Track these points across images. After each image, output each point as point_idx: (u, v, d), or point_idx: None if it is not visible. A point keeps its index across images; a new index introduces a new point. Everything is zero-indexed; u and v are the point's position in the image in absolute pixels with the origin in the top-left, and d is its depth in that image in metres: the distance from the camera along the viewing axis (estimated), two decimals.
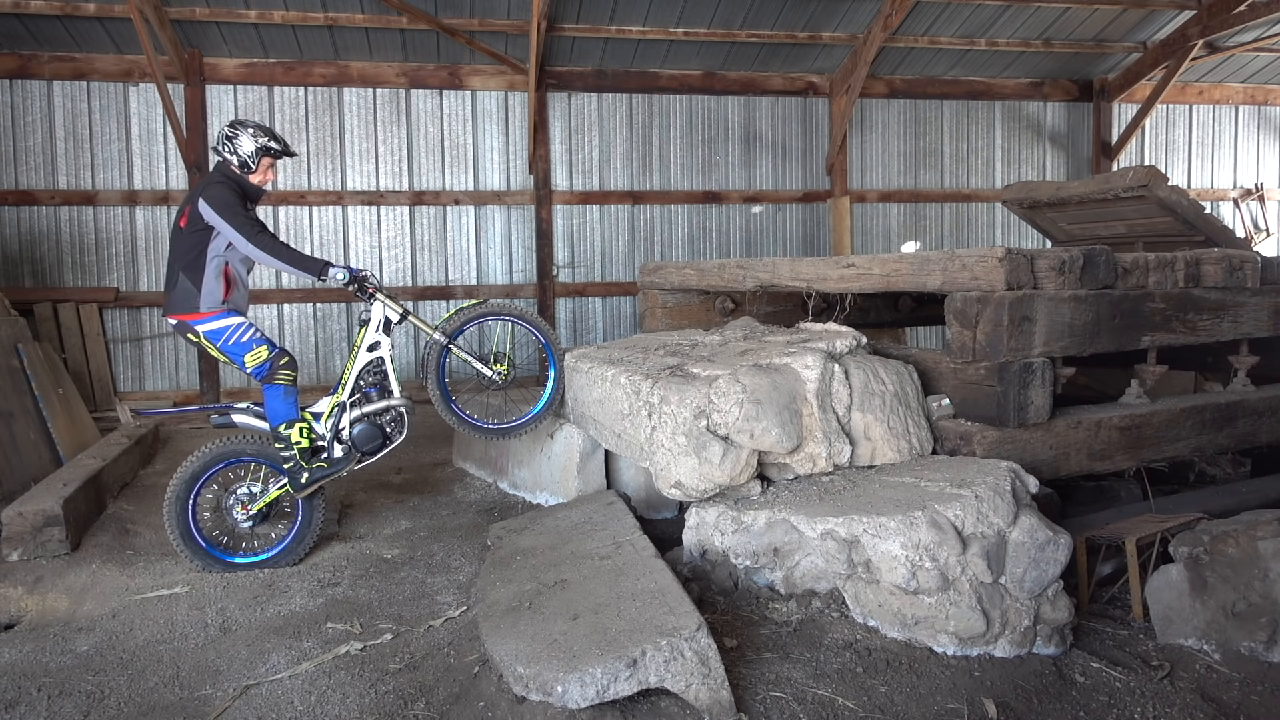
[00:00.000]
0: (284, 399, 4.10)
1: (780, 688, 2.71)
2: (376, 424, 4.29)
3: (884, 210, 9.80)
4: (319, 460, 4.16)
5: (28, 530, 4.17)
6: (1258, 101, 10.57)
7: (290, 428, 4.09)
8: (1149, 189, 5.46)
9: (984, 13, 8.70)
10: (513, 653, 2.72)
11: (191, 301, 4.03)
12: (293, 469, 4.09)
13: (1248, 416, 4.52)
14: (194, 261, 4.03)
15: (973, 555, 3.00)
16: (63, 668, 3.11)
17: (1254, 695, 2.83)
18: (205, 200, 3.96)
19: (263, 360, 4.07)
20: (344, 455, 4.21)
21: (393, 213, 8.52)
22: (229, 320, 4.06)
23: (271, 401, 4.09)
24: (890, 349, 4.41)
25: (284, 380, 4.09)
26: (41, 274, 7.79)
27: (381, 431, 4.29)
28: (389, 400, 4.31)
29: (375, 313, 4.27)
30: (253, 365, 4.07)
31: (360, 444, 4.24)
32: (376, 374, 4.34)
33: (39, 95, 7.74)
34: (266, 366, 4.07)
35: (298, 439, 4.10)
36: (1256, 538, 3.14)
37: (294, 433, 4.09)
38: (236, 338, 4.07)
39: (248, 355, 4.07)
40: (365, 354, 4.30)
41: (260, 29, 7.74)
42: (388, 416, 4.32)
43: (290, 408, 4.12)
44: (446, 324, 4.45)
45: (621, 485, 4.76)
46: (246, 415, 4.21)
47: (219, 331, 4.06)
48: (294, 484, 4.11)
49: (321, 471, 4.13)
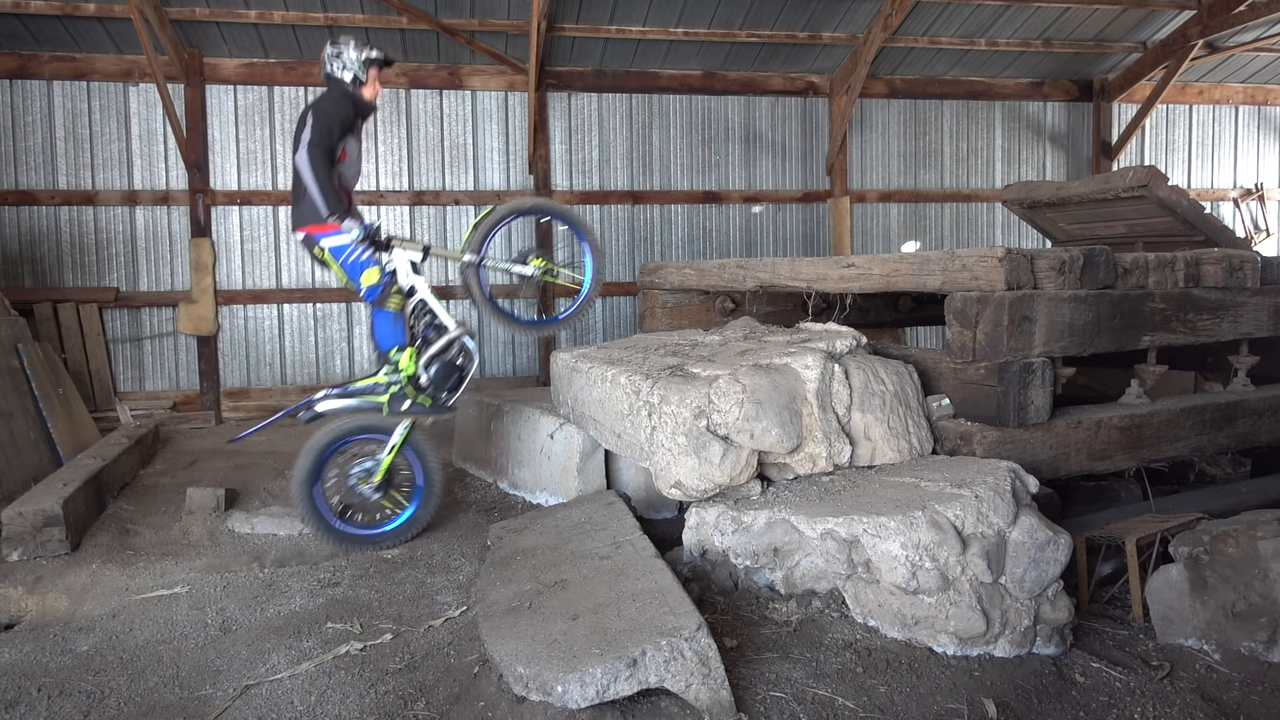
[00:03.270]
0: (393, 324, 4.28)
1: (780, 688, 2.71)
2: (446, 361, 4.40)
3: (884, 210, 9.79)
4: (422, 397, 4.30)
5: (28, 530, 4.17)
6: (1258, 101, 10.57)
7: (400, 352, 4.26)
8: (1149, 189, 5.47)
9: (984, 13, 8.70)
10: (513, 653, 2.72)
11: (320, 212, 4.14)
12: (397, 392, 4.23)
13: (1248, 416, 4.52)
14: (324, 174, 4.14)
15: (973, 555, 3.00)
16: (63, 668, 3.11)
17: (1254, 695, 2.83)
18: (313, 109, 4.12)
19: (375, 282, 4.22)
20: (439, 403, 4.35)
21: (393, 213, 8.52)
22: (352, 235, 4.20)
23: (381, 325, 4.28)
24: (890, 349, 4.41)
25: (394, 305, 4.28)
26: (41, 274, 7.79)
27: (454, 367, 4.42)
28: (448, 335, 4.41)
29: (399, 260, 4.36)
30: (366, 285, 4.22)
31: (440, 384, 4.36)
32: (425, 315, 4.46)
33: (39, 95, 7.74)
34: (379, 288, 4.23)
35: (406, 364, 4.25)
36: (1256, 538, 3.14)
37: (403, 358, 4.26)
38: (356, 256, 4.21)
39: (363, 275, 4.22)
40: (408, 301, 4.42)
41: (260, 29, 7.74)
42: (453, 352, 4.43)
43: (399, 333, 4.29)
44: (471, 243, 4.55)
45: (621, 485, 4.76)
46: (329, 400, 4.32)
47: (341, 249, 4.21)
48: (393, 406, 4.24)
49: (421, 409, 4.28)
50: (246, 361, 8.22)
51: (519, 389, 7.41)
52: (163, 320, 8.04)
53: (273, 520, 4.60)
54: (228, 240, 8.13)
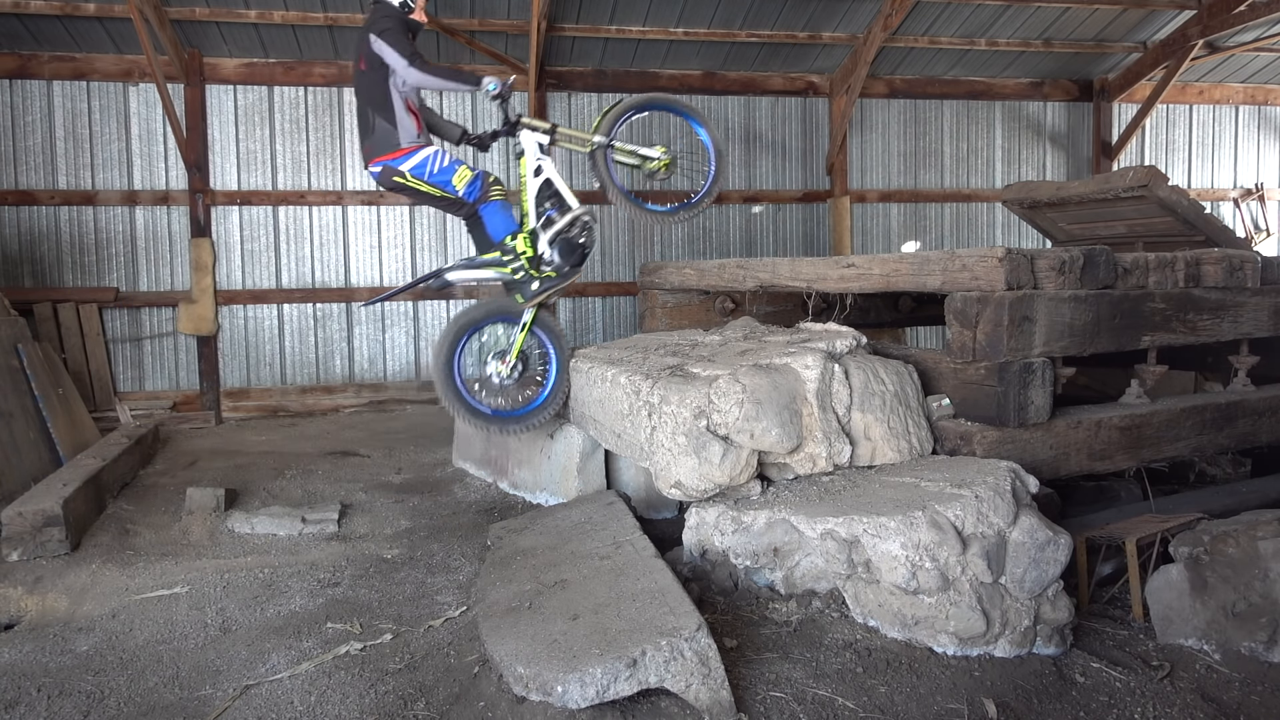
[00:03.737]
0: (502, 212, 4.43)
1: (780, 688, 2.71)
2: (569, 238, 4.56)
3: (884, 210, 9.79)
4: (546, 271, 4.44)
5: (28, 530, 4.17)
6: (1258, 101, 10.57)
7: (515, 238, 4.40)
8: (1149, 189, 5.47)
9: (984, 13, 8.70)
10: (513, 653, 2.72)
11: (392, 139, 4.27)
12: (522, 278, 4.38)
13: (1248, 416, 4.52)
14: (383, 100, 4.29)
15: (973, 555, 3.00)
16: (63, 668, 3.11)
17: (1254, 695, 2.83)
18: (374, 34, 4.23)
19: (470, 180, 4.37)
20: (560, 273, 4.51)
21: (393, 213, 8.52)
22: (426, 151, 4.34)
23: (491, 218, 4.42)
24: (890, 349, 4.41)
25: (497, 195, 4.43)
26: (41, 274, 7.79)
27: (577, 244, 4.59)
28: (571, 213, 4.57)
29: (526, 140, 4.54)
30: (463, 187, 4.35)
31: (564, 259, 4.52)
32: (550, 195, 4.61)
33: (39, 95, 7.74)
34: (478, 184, 4.38)
35: (523, 248, 4.40)
36: (1256, 538, 3.14)
37: (519, 242, 4.40)
38: (439, 164, 4.35)
39: (454, 178, 4.35)
40: (533, 180, 4.56)
41: (260, 29, 7.74)
42: (575, 229, 4.60)
43: (510, 220, 4.44)
44: (601, 126, 4.70)
45: (621, 485, 4.76)
46: (458, 270, 4.52)
47: (421, 165, 4.32)
48: (524, 293, 4.40)
49: (550, 281, 4.43)
50: (246, 361, 8.22)
51: None
52: (163, 320, 8.04)
53: (273, 520, 4.60)
54: (228, 240, 8.13)
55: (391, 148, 4.26)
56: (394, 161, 4.27)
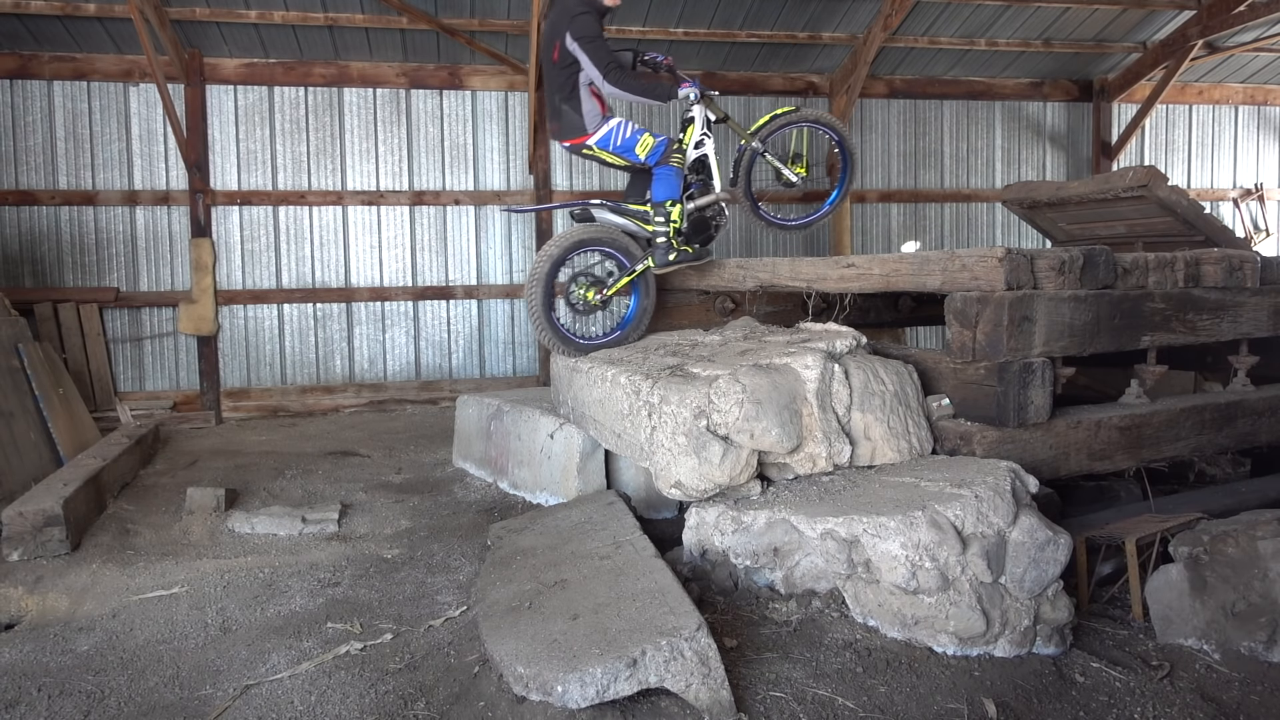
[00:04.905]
0: (674, 179, 4.66)
1: (780, 688, 2.71)
2: (703, 216, 4.82)
3: (884, 210, 9.80)
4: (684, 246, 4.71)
5: (28, 530, 4.17)
6: (1258, 101, 10.57)
7: (674, 206, 4.64)
8: (1149, 189, 5.47)
9: (984, 13, 8.70)
10: (513, 652, 2.72)
11: (579, 126, 4.65)
12: (664, 244, 4.66)
13: (1248, 416, 4.52)
14: (570, 93, 4.62)
15: (973, 555, 3.00)
16: (63, 668, 3.11)
17: (1254, 695, 2.83)
18: (572, 35, 4.48)
19: (653, 147, 4.64)
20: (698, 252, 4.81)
21: (393, 213, 8.53)
22: (610, 124, 4.66)
23: (663, 179, 4.64)
24: (890, 349, 4.41)
25: (677, 162, 4.66)
26: (41, 274, 7.79)
27: (708, 221, 4.84)
28: (712, 195, 4.83)
29: (698, 114, 4.80)
30: (646, 154, 4.62)
31: (693, 236, 4.77)
32: (702, 172, 4.85)
33: (39, 95, 7.75)
34: (661, 149, 4.64)
35: (676, 218, 4.64)
36: (1256, 538, 3.14)
37: (675, 211, 4.65)
38: (622, 136, 4.66)
39: (638, 147, 4.64)
40: (693, 151, 4.80)
41: (260, 29, 7.75)
42: (711, 210, 4.85)
43: (675, 188, 4.66)
44: (761, 130, 4.98)
45: (621, 485, 4.76)
46: (604, 211, 4.77)
47: (606, 138, 4.65)
48: (657, 258, 4.68)
49: (685, 256, 4.73)
50: (246, 361, 8.22)
51: (519, 389, 7.41)
52: (163, 320, 8.05)
53: (273, 520, 4.60)
54: (228, 240, 8.13)
55: (578, 133, 4.66)
56: (582, 143, 4.68)
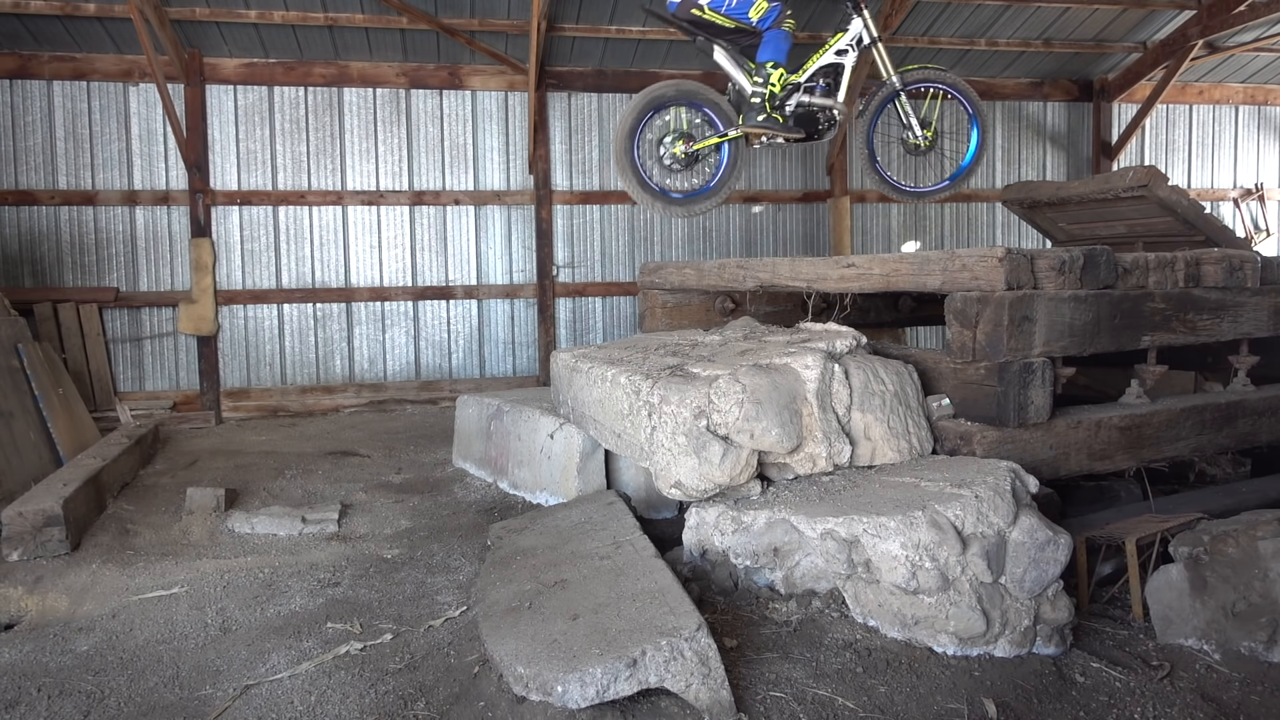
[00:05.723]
0: (783, 42, 4.71)
1: (780, 688, 2.71)
2: (814, 114, 4.91)
3: (884, 210, 9.80)
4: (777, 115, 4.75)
5: (28, 530, 4.17)
6: (1258, 101, 10.57)
7: (775, 68, 4.68)
8: (1149, 189, 5.47)
9: (984, 13, 8.70)
10: (513, 653, 2.72)
11: None
12: (758, 103, 4.69)
13: (1248, 416, 4.52)
14: None
15: (973, 555, 3.00)
16: (63, 668, 3.11)
17: (1254, 695, 2.83)
18: None
19: (767, 10, 4.69)
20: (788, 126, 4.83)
21: (393, 213, 8.53)
22: None
23: (772, 41, 4.69)
24: (890, 349, 4.41)
25: (789, 27, 4.73)
26: (41, 274, 7.79)
27: (815, 121, 4.92)
28: (832, 101, 4.91)
29: (854, 27, 4.88)
30: (759, 17, 4.67)
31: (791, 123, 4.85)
32: (832, 76, 4.92)
33: (39, 95, 7.75)
34: (775, 13, 4.69)
35: (774, 81, 4.68)
36: (1256, 538, 3.14)
37: (775, 74, 4.69)
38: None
39: (752, 10, 4.68)
40: (832, 55, 4.89)
41: (260, 29, 7.75)
42: (824, 115, 4.94)
43: (781, 51, 4.71)
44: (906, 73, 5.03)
45: (621, 485, 4.76)
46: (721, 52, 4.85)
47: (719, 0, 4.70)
48: (748, 115, 4.74)
49: (775, 124, 4.75)
50: (246, 361, 8.22)
51: (519, 389, 7.41)
52: (163, 320, 8.05)
53: (273, 520, 4.60)
54: (228, 240, 8.13)
55: None
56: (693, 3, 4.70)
